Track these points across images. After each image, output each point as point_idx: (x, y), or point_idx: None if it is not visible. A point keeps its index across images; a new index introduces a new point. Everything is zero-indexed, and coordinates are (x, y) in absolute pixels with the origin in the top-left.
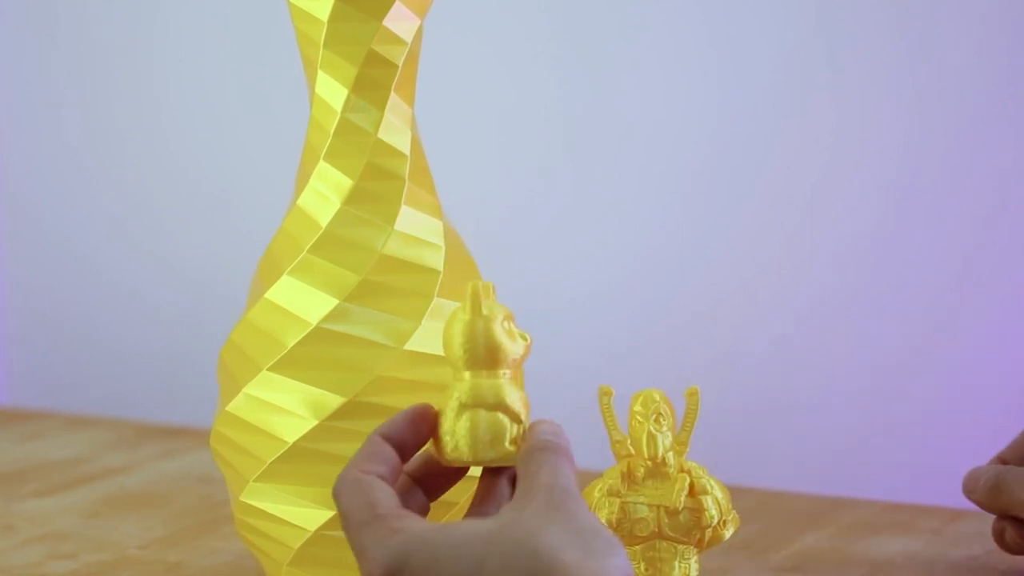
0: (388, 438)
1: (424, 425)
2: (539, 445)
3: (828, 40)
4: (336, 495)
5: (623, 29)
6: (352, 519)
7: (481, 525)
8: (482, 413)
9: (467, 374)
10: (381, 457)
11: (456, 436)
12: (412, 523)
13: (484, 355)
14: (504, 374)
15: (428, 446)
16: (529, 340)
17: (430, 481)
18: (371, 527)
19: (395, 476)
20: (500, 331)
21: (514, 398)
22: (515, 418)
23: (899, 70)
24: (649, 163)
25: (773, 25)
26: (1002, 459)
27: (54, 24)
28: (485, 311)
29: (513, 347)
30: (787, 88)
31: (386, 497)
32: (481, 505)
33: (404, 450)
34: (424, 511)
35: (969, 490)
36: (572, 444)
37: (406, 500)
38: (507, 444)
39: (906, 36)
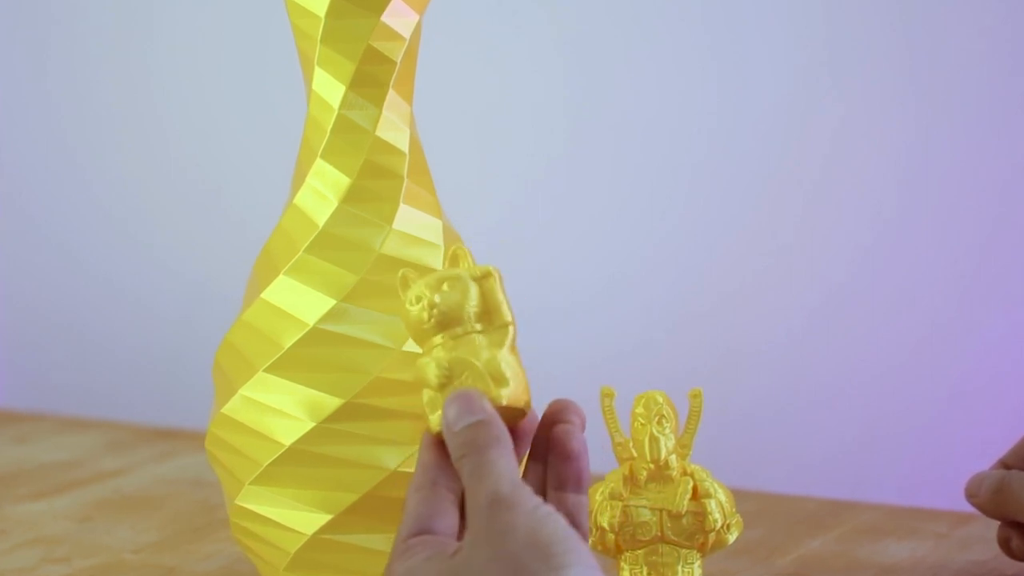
0: (431, 443)
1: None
2: (458, 451)
3: (833, 34)
4: None
5: (625, 26)
6: None
7: (443, 565)
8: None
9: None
10: (422, 465)
11: None
12: (401, 563)
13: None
14: (441, 339)
15: None
16: (422, 299)
17: None
18: (389, 563)
19: (444, 470)
20: (407, 304)
21: (420, 370)
22: (427, 391)
23: (906, 66)
24: (651, 161)
25: (778, 20)
26: (1005, 463)
27: (47, 21)
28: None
29: (406, 321)
30: (792, 85)
31: (411, 523)
32: None
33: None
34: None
35: (972, 495)
36: None
37: None
38: (434, 413)
39: (914, 31)
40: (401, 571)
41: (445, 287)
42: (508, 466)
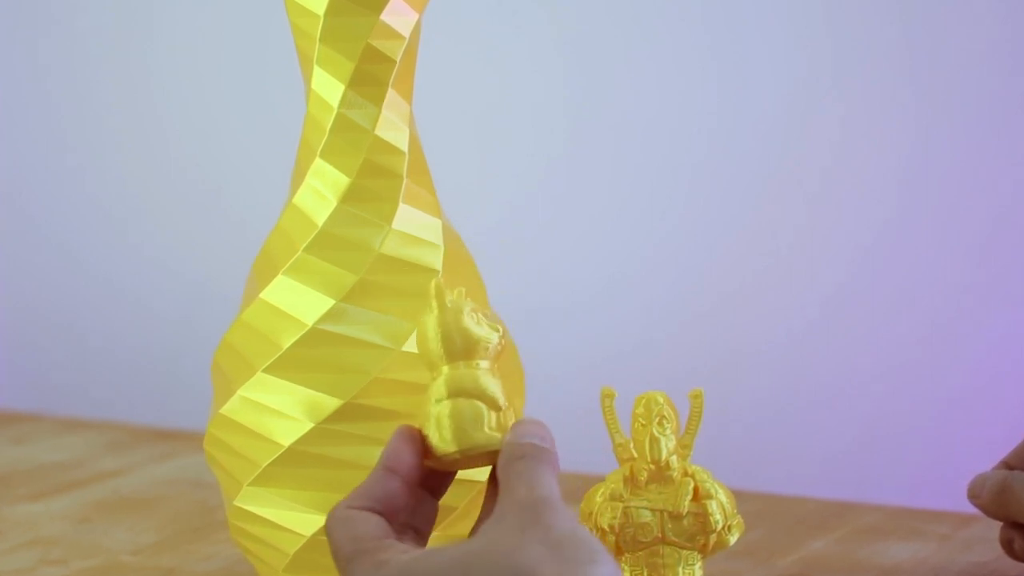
0: (385, 467)
1: (412, 436)
2: (518, 452)
3: (833, 34)
4: (326, 531)
5: (625, 26)
6: (340, 554)
7: (462, 548)
8: (461, 401)
9: (444, 368)
10: (370, 488)
11: (440, 428)
12: (396, 554)
13: (459, 345)
14: (480, 364)
15: None
16: (501, 330)
17: (431, 482)
18: (357, 561)
19: (392, 502)
20: (470, 320)
21: (492, 384)
22: (492, 404)
23: (907, 66)
24: (651, 160)
25: (778, 20)
26: (1007, 464)
27: (47, 21)
28: (449, 304)
29: (485, 334)
30: (792, 85)
31: (372, 528)
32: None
33: (406, 471)
34: (432, 515)
35: (974, 495)
36: (573, 448)
37: (414, 512)
38: (486, 429)
39: (914, 31)
40: (407, 559)
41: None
42: (557, 487)
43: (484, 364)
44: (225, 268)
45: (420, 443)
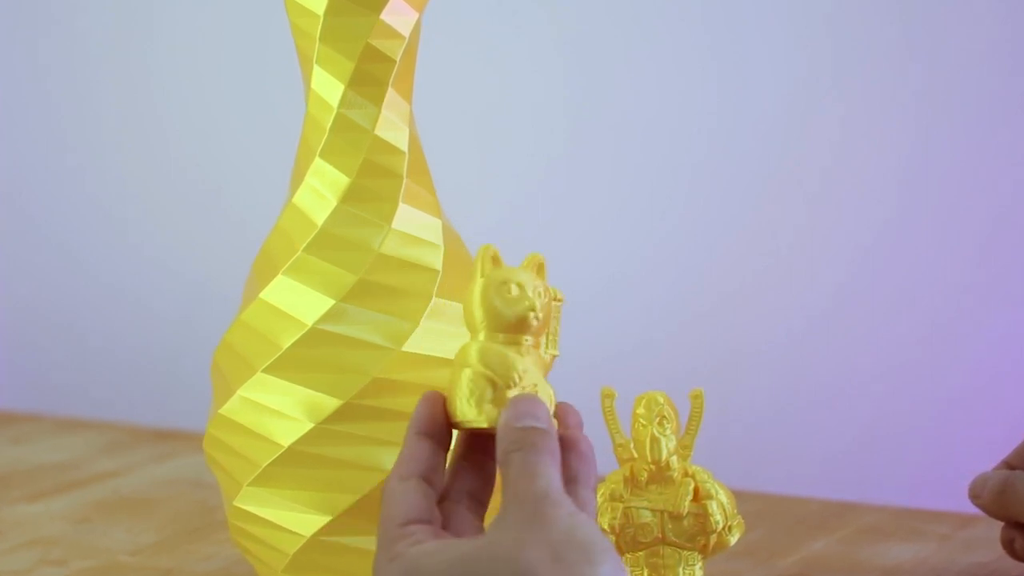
0: (422, 432)
1: (435, 400)
2: (515, 441)
3: (834, 34)
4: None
5: (625, 26)
6: (377, 536)
7: (467, 547)
8: (469, 371)
9: (480, 335)
10: (409, 454)
11: (450, 395)
12: (410, 546)
13: (493, 317)
14: (524, 339)
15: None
16: (539, 305)
17: (481, 444)
18: (382, 549)
19: (428, 465)
20: (495, 294)
21: (509, 361)
22: (503, 381)
23: (906, 66)
24: (651, 160)
25: (778, 20)
26: (1009, 464)
27: (47, 21)
28: (481, 276)
29: (519, 312)
30: (792, 85)
31: (403, 509)
32: None
33: (435, 432)
34: (489, 479)
35: (975, 495)
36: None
37: (466, 477)
38: (485, 404)
39: (914, 31)
40: (416, 553)
41: (547, 296)
42: (557, 474)
43: (528, 340)
44: (225, 268)
45: (443, 407)
